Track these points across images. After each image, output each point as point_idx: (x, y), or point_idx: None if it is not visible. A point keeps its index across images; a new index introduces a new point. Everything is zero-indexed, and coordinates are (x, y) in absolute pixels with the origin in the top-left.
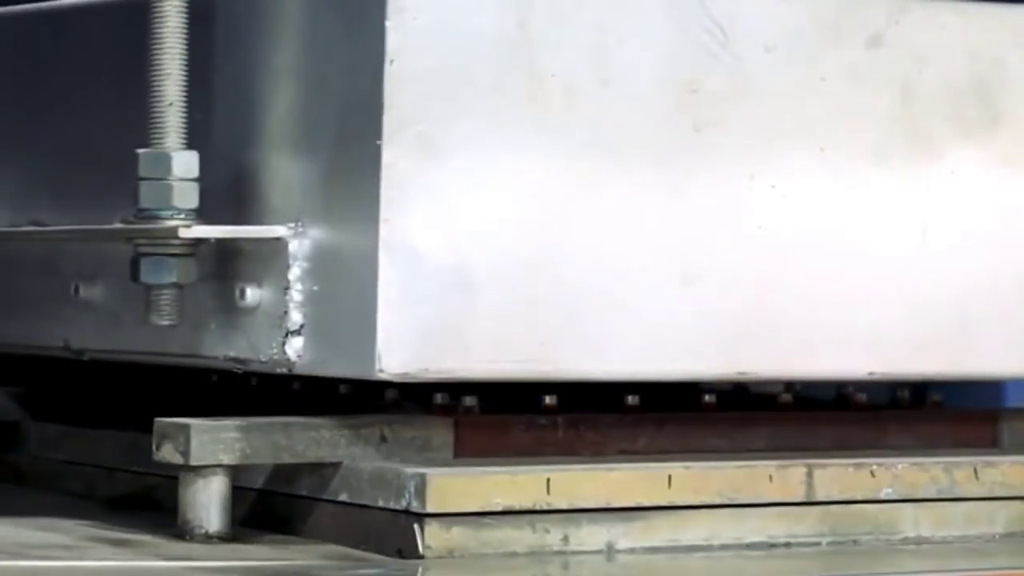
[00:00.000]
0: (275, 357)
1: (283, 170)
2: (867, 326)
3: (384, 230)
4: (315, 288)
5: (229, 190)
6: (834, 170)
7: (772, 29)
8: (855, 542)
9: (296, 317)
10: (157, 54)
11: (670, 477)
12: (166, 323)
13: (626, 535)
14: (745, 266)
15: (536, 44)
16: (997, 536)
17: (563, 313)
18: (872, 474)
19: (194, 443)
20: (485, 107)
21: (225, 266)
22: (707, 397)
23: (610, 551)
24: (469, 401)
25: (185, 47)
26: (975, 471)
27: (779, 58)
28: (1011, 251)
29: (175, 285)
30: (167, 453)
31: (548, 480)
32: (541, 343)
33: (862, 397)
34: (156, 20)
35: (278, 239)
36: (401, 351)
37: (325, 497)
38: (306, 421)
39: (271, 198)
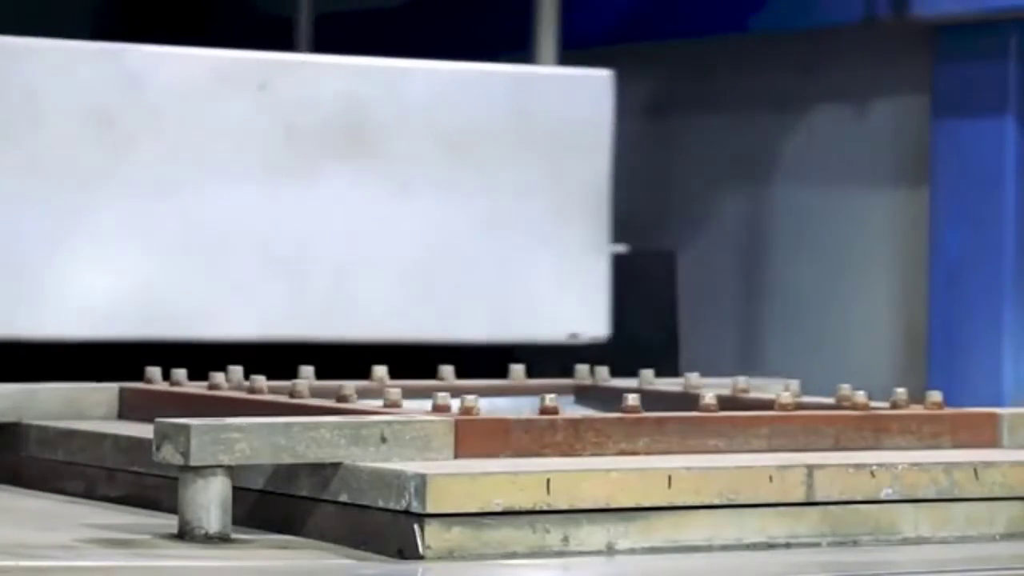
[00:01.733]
0: None
1: None
2: (258, 304)
3: None
4: None
5: None
6: (229, 188)
7: (178, 77)
8: (855, 542)
9: None
10: None
11: (670, 477)
12: None
13: (626, 535)
14: (159, 259)
15: None
16: (997, 536)
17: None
18: (872, 474)
19: (194, 443)
20: None
21: None
22: (707, 397)
23: (610, 551)
24: (470, 400)
25: None
26: (975, 471)
27: (184, 100)
28: (375, 247)
29: None
30: (167, 454)
31: (548, 480)
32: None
33: (862, 397)
34: None
35: None
36: None
37: (325, 497)
38: (306, 421)
39: None
